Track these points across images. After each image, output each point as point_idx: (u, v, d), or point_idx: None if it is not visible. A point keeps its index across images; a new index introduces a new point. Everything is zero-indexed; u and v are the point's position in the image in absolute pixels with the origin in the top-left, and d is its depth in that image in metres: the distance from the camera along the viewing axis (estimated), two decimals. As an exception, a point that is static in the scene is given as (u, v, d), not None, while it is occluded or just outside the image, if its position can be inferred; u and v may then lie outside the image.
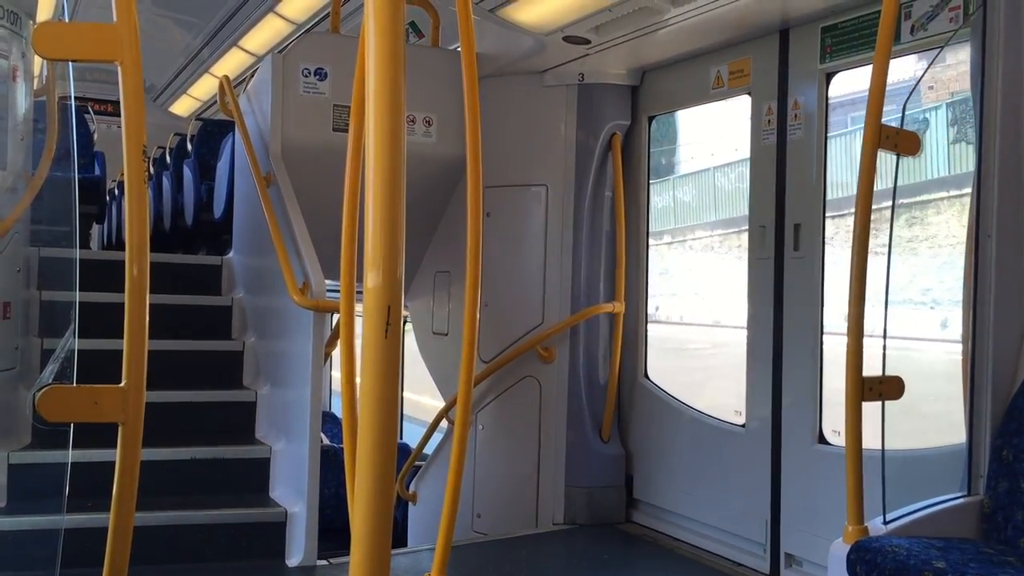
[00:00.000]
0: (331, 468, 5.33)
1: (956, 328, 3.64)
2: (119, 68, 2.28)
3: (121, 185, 10.11)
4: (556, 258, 5.74)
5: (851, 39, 4.35)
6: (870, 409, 3.24)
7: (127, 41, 2.23)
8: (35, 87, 5.03)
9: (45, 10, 5.99)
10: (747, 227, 4.92)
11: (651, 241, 5.83)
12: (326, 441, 7.41)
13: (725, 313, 6.40)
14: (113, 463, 2.30)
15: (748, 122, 4.92)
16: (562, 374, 5.73)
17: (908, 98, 3.38)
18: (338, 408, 7.03)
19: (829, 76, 4.52)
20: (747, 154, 4.95)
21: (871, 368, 3.23)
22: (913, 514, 3.27)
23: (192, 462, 4.82)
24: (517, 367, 5.81)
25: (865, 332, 3.17)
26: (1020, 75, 3.47)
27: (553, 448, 5.72)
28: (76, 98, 5.43)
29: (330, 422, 8.62)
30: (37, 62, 5.03)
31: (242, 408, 5.25)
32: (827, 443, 4.45)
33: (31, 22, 4.91)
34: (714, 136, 7.45)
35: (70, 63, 2.42)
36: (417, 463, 6.80)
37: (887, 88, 3.17)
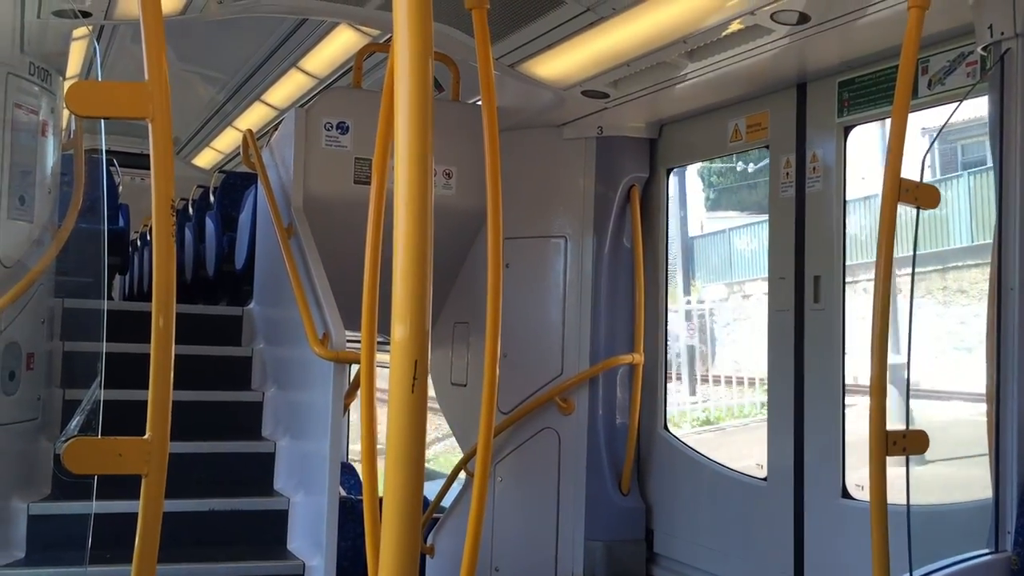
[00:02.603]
0: (349, 520, 5.29)
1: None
2: (149, 125, 2.32)
3: (144, 236, 10.22)
4: (575, 309, 5.75)
5: (868, 93, 4.38)
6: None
7: (158, 99, 2.28)
8: (63, 141, 5.13)
9: (73, 66, 6.13)
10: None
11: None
12: (343, 493, 7.36)
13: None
14: (132, 514, 2.30)
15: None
16: (581, 426, 5.70)
17: (927, 152, 3.39)
18: (356, 459, 7.01)
19: (847, 130, 4.55)
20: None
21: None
22: (940, 571, 3.21)
23: (210, 514, 4.80)
24: (536, 418, 5.78)
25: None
26: (1038, 128, 3.48)
27: (572, 500, 5.67)
28: (99, 150, 5.52)
29: (347, 473, 8.58)
30: (64, 116, 5.14)
31: (261, 459, 5.24)
32: (851, 498, 4.39)
33: (60, 78, 5.03)
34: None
35: (102, 120, 2.47)
36: (435, 515, 6.75)
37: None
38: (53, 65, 4.86)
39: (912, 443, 3.22)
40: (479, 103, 6.41)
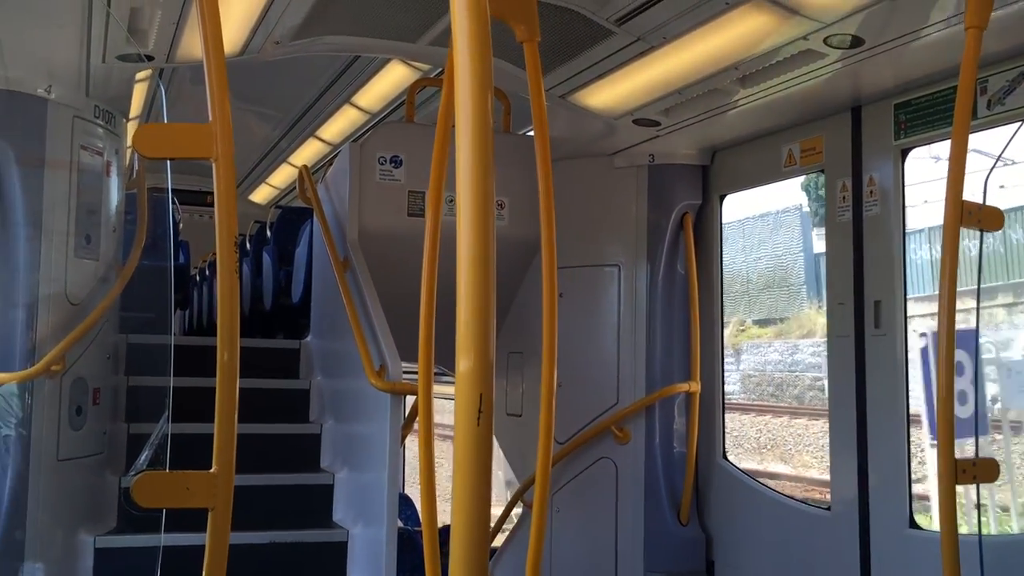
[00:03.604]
0: (407, 551, 5.30)
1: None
2: (213, 165, 2.38)
3: (202, 272, 10.42)
4: (630, 337, 5.72)
5: (925, 115, 4.33)
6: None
7: (221, 139, 2.34)
8: (125, 180, 5.28)
9: (135, 107, 6.32)
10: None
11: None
12: (401, 524, 7.38)
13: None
14: (194, 547, 2.34)
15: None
16: (638, 455, 5.65)
17: (989, 174, 3.34)
18: (411, 490, 7.02)
19: (904, 152, 4.49)
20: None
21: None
22: (1016, 604, 3.11)
23: (271, 546, 4.84)
24: (592, 448, 5.75)
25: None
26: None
27: (631, 531, 5.61)
28: (163, 189, 5.67)
29: (404, 504, 8.59)
30: (127, 155, 5.29)
31: (320, 491, 5.28)
32: (919, 528, 4.28)
33: (124, 120, 5.18)
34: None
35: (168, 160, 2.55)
36: (492, 546, 6.73)
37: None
38: (117, 107, 5.01)
39: (983, 471, 3.14)
40: (529, 134, 6.47)
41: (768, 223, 23.07)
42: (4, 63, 4.41)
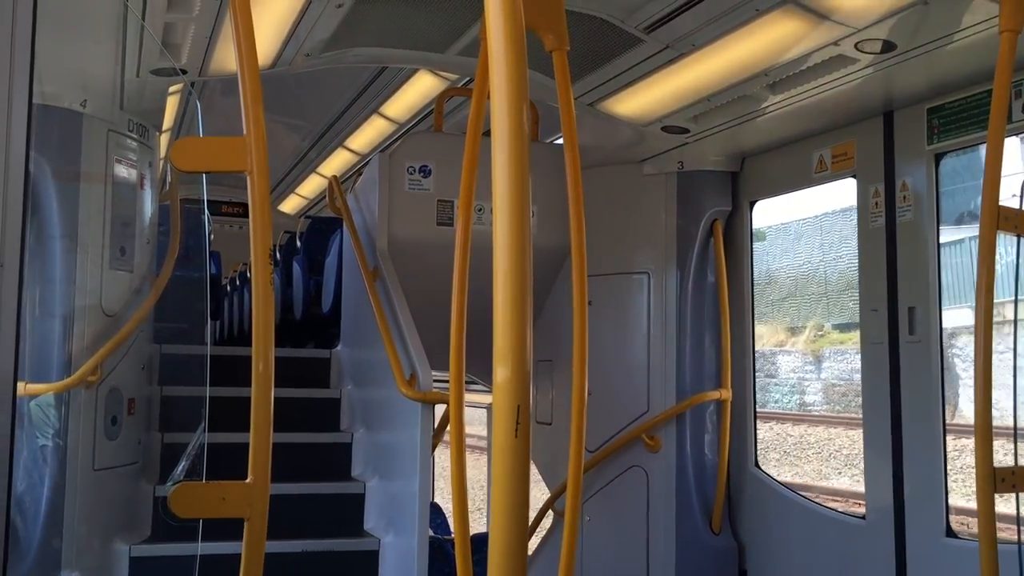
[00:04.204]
0: (437, 560, 5.30)
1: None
2: (248, 177, 2.40)
3: (233, 282, 10.51)
4: (660, 345, 5.69)
5: (959, 119, 4.28)
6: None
7: (256, 152, 2.36)
8: (159, 192, 5.34)
9: (167, 119, 6.39)
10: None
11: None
12: (431, 532, 7.38)
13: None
14: (227, 555, 2.35)
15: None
16: (669, 463, 5.62)
17: (1027, 177, 3.29)
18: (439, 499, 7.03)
19: (938, 157, 4.44)
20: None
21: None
22: (1058, 615, 3.06)
23: (303, 554, 4.87)
24: (623, 456, 5.73)
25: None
26: None
27: (662, 540, 5.58)
28: (193, 200, 5.73)
29: (434, 512, 8.60)
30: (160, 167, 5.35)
31: (351, 500, 5.30)
32: (956, 536, 4.23)
33: (157, 133, 5.24)
34: None
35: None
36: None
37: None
38: (150, 120, 5.08)
39: (1022, 480, 3.09)
40: (557, 142, 6.47)
41: (850, 218, 20.64)
42: (40, 78, 4.48)
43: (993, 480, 3.05)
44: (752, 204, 5.75)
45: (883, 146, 4.71)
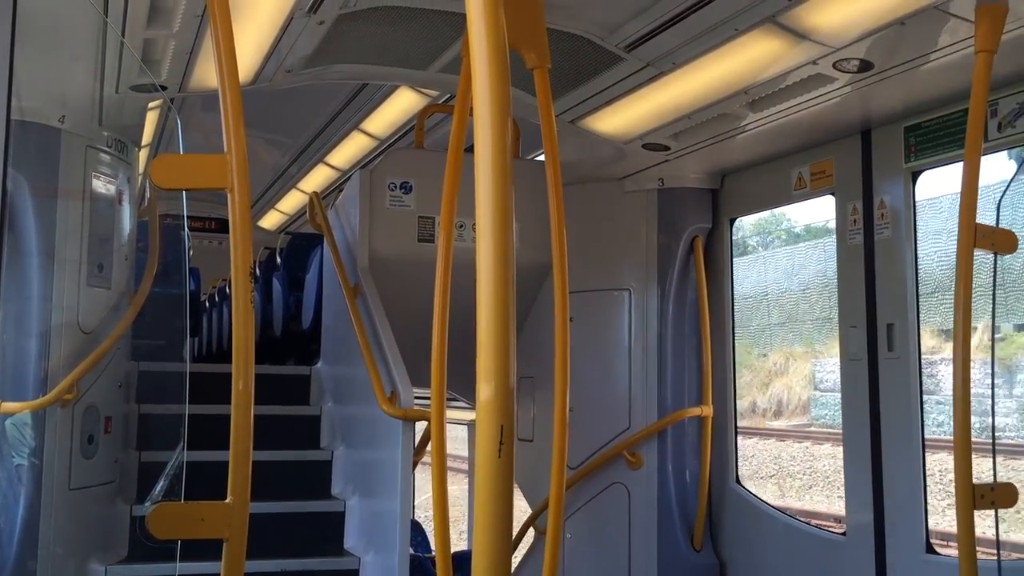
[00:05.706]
0: (418, 579, 5.27)
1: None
2: (228, 195, 2.39)
3: (212, 298, 10.44)
4: (641, 362, 5.70)
5: (936, 138, 4.33)
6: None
7: (237, 170, 2.35)
8: (138, 208, 5.30)
9: (145, 135, 6.34)
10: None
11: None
12: (412, 551, 7.33)
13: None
14: (206, 575, 2.32)
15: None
16: (651, 480, 5.62)
17: (1003, 195, 3.33)
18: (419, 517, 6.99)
19: (915, 175, 4.49)
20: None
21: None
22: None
23: (282, 574, 4.82)
24: (604, 473, 5.72)
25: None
26: (1118, 169, 3.39)
27: (644, 556, 5.57)
28: (172, 216, 5.69)
29: (415, 531, 8.54)
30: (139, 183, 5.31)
31: (331, 518, 5.25)
32: (936, 553, 4.24)
33: (136, 148, 5.21)
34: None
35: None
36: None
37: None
38: (129, 136, 5.04)
39: (1001, 497, 3.12)
40: (539, 158, 6.48)
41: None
42: (18, 93, 4.45)
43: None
44: (732, 221, 5.78)
45: (861, 164, 4.75)
